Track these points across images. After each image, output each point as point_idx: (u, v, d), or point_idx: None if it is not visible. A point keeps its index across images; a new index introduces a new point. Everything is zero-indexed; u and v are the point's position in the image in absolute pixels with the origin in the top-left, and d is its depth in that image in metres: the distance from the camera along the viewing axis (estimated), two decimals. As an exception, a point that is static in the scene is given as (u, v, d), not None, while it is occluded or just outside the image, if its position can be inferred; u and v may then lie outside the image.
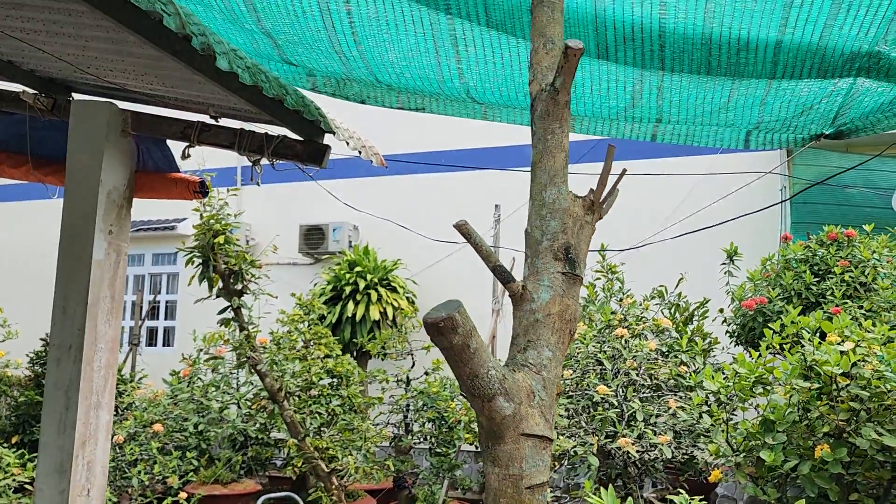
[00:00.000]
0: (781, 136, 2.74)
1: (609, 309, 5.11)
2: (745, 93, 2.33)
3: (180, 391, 6.35)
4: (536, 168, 1.62)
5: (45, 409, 3.10)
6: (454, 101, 2.69)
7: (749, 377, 3.61)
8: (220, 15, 2.57)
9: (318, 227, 10.39)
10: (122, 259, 3.31)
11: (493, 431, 1.68)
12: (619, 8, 2.15)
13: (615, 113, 2.51)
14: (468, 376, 1.57)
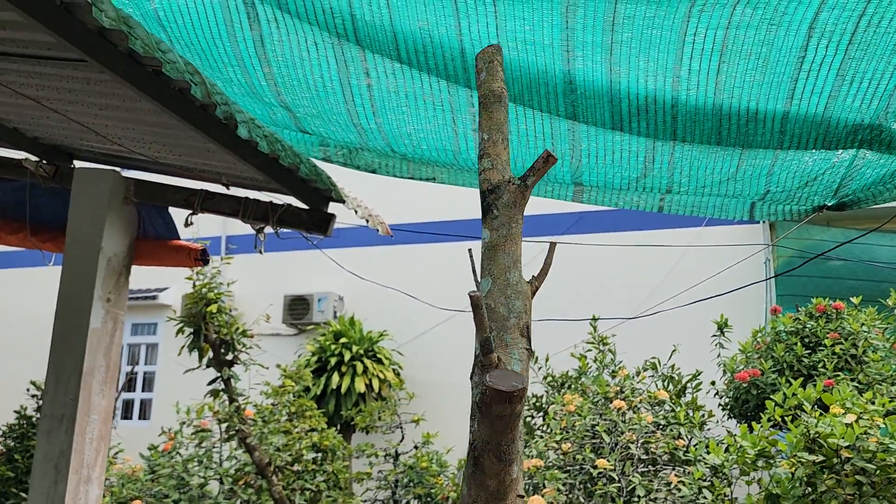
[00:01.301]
0: (785, 208, 2.80)
1: (604, 381, 5.07)
2: (753, 163, 2.40)
3: (160, 466, 6.13)
4: (499, 251, 1.73)
5: (33, 483, 2.97)
6: (465, 172, 2.73)
7: (752, 451, 3.57)
8: (240, 89, 2.61)
9: (302, 298, 10.32)
10: (119, 328, 3.24)
11: (499, 493, 1.68)
12: (634, 81, 2.22)
13: (626, 183, 2.56)
14: (508, 442, 1.56)
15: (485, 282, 1.72)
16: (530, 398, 5.97)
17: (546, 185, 2.73)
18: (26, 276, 11.68)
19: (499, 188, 1.77)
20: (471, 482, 1.56)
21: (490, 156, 1.79)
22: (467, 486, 1.56)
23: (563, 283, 9.43)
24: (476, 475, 1.55)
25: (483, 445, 1.53)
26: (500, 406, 1.46)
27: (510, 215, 1.78)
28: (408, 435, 6.90)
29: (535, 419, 5.88)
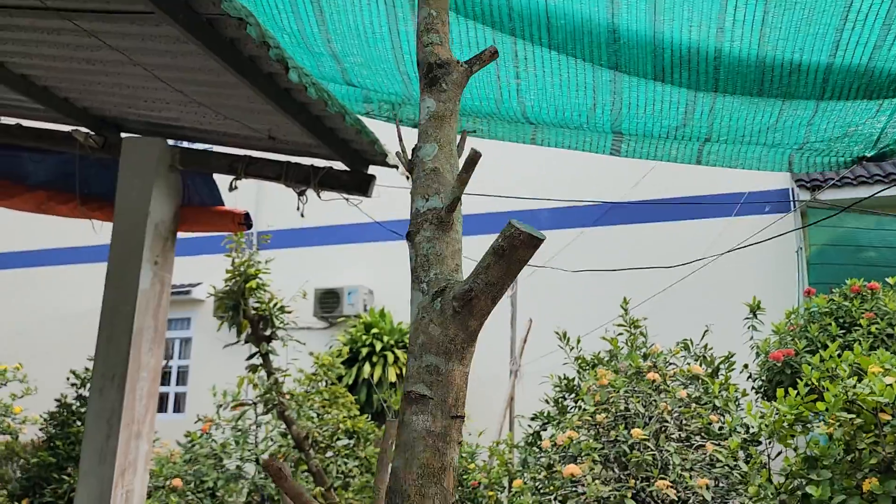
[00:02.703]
0: (824, 159, 2.80)
1: (637, 357, 5.08)
2: (794, 113, 2.42)
3: (198, 445, 6.25)
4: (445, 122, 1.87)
5: (86, 438, 3.08)
6: (507, 123, 2.77)
7: (789, 414, 3.57)
8: (291, 39, 2.69)
9: (333, 291, 10.43)
10: (166, 290, 3.34)
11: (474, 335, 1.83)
12: (677, 31, 2.26)
13: (665, 132, 2.59)
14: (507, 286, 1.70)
15: (431, 146, 1.79)
16: (561, 378, 5.99)
17: (584, 135, 2.76)
18: (63, 274, 11.96)
19: (448, 65, 1.86)
20: (451, 322, 1.64)
21: (437, 32, 1.90)
22: (445, 327, 1.63)
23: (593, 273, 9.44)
24: (461, 316, 1.64)
25: (485, 288, 1.62)
26: (525, 251, 1.56)
27: (455, 93, 1.87)
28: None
29: (566, 399, 5.90)
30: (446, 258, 1.77)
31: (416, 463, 1.54)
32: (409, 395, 1.67)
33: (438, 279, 1.76)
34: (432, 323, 1.68)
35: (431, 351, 1.67)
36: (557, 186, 9.87)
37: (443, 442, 1.53)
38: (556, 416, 5.67)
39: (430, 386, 1.62)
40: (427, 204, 1.77)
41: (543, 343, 7.64)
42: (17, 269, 12.62)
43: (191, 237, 10.74)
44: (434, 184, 1.73)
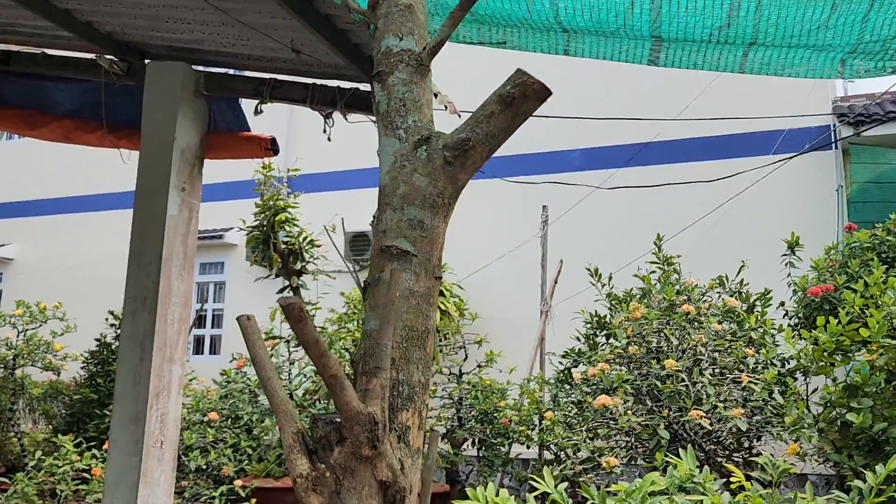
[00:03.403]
0: (878, 64, 2.62)
1: (671, 290, 4.99)
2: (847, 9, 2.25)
3: (233, 382, 6.36)
4: None
5: (120, 360, 3.11)
6: (538, 32, 2.64)
7: (829, 343, 3.48)
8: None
9: (363, 234, 10.43)
10: (195, 217, 3.33)
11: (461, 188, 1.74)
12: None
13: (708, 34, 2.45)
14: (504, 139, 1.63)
15: None
16: (593, 315, 5.93)
17: (620, 42, 2.62)
18: (100, 220, 12.14)
19: None
20: (441, 174, 1.55)
21: None
22: (434, 178, 1.53)
23: (626, 214, 9.29)
24: (453, 168, 1.55)
25: (484, 139, 1.54)
26: (534, 103, 1.47)
27: None
28: (471, 356, 6.97)
29: (598, 336, 5.85)
30: (423, 106, 1.64)
31: (400, 325, 1.47)
32: (390, 249, 1.55)
33: (418, 127, 1.63)
34: (417, 172, 1.57)
35: (416, 203, 1.55)
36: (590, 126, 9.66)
37: (426, 304, 1.45)
38: (588, 352, 5.64)
39: (413, 242, 1.52)
40: (401, 44, 1.63)
41: (574, 284, 7.57)
42: (63, 214, 12.86)
43: (223, 182, 10.78)
44: (408, 22, 1.61)
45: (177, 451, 3.13)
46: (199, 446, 5.69)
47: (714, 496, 2.58)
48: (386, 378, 1.46)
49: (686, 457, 2.87)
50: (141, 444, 2.95)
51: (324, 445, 1.37)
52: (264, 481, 6.10)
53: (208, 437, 5.83)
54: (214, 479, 5.67)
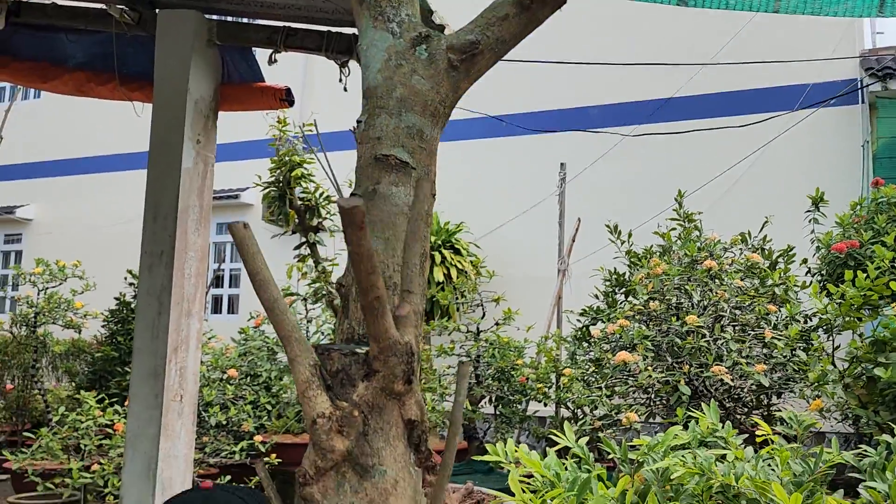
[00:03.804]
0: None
1: (693, 246, 4.91)
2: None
3: (251, 339, 6.39)
4: None
5: (138, 314, 3.10)
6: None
7: (857, 298, 3.41)
8: None
9: (379, 193, 10.35)
10: (210, 170, 3.28)
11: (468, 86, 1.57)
12: None
13: (740, -30, 2.32)
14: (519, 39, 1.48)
15: None
16: (612, 272, 5.87)
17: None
18: (118, 180, 12.15)
19: None
20: (445, 79, 1.38)
21: None
22: (437, 82, 1.37)
23: (646, 172, 9.15)
24: (457, 73, 1.38)
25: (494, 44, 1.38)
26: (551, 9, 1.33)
27: None
28: (488, 314, 6.95)
29: (617, 294, 5.79)
30: (415, 1, 1.47)
31: (400, 245, 1.34)
32: (388, 159, 1.35)
33: (413, 22, 1.43)
34: (417, 74, 1.38)
35: (415, 110, 1.37)
36: (610, 82, 9.48)
37: (425, 224, 1.29)
38: (606, 310, 5.59)
39: (411, 153, 1.35)
40: None
41: (592, 243, 7.50)
42: (81, 174, 12.90)
43: (238, 141, 10.71)
44: None
45: (196, 406, 3.13)
46: (219, 403, 5.74)
47: (737, 450, 2.54)
48: (418, 303, 1.30)
49: (709, 411, 2.83)
50: (161, 398, 2.95)
51: (342, 381, 1.18)
52: (283, 437, 6.16)
53: (228, 394, 5.88)
54: (235, 435, 5.73)
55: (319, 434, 1.06)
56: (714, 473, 2.27)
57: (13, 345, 8.87)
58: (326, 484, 1.01)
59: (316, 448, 1.03)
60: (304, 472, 1.01)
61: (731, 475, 2.23)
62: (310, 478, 1.00)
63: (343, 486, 0.98)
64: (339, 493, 1.00)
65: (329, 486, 1.01)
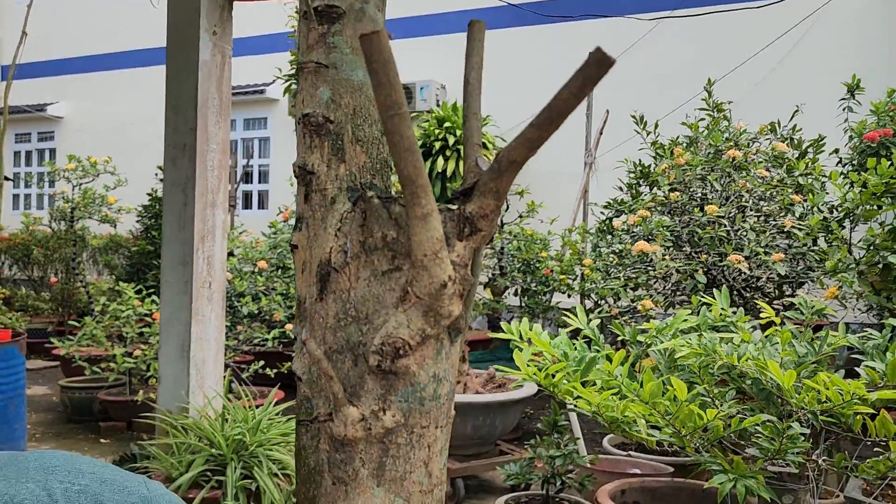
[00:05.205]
0: None
1: (719, 136, 4.83)
2: None
3: (280, 232, 6.54)
4: None
5: (166, 206, 3.21)
6: None
7: (879, 185, 3.37)
8: None
9: (405, 87, 10.20)
10: (227, 62, 3.29)
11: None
12: None
13: None
14: None
15: None
16: (636, 164, 5.83)
17: None
18: (145, 76, 12.12)
19: None
20: None
21: None
22: None
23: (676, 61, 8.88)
24: None
25: None
26: None
27: None
28: (513, 207, 6.99)
29: (641, 186, 5.77)
30: None
31: None
32: None
33: None
34: None
35: None
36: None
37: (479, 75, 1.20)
38: (630, 202, 5.59)
39: None
40: None
41: (620, 136, 7.39)
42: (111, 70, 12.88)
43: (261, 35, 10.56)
44: None
45: (225, 292, 3.28)
46: (250, 293, 5.95)
47: (745, 333, 2.61)
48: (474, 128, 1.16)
49: (720, 297, 2.89)
50: (190, 285, 3.09)
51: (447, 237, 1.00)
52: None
53: (259, 285, 6.08)
54: (267, 324, 5.98)
55: (444, 299, 0.93)
56: (718, 353, 2.36)
57: (54, 240, 9.21)
58: (425, 353, 0.94)
59: (429, 314, 0.91)
60: (403, 343, 0.92)
61: (734, 355, 2.31)
62: (409, 349, 0.94)
63: (440, 353, 0.94)
64: (437, 360, 0.96)
65: (428, 354, 0.95)
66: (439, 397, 0.94)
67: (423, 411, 0.92)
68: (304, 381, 0.92)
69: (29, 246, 9.55)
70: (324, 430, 0.90)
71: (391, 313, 0.91)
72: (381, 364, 0.91)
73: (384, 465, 0.91)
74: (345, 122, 1.06)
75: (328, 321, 0.86)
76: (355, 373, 0.90)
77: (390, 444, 0.91)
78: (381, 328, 0.91)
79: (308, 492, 0.91)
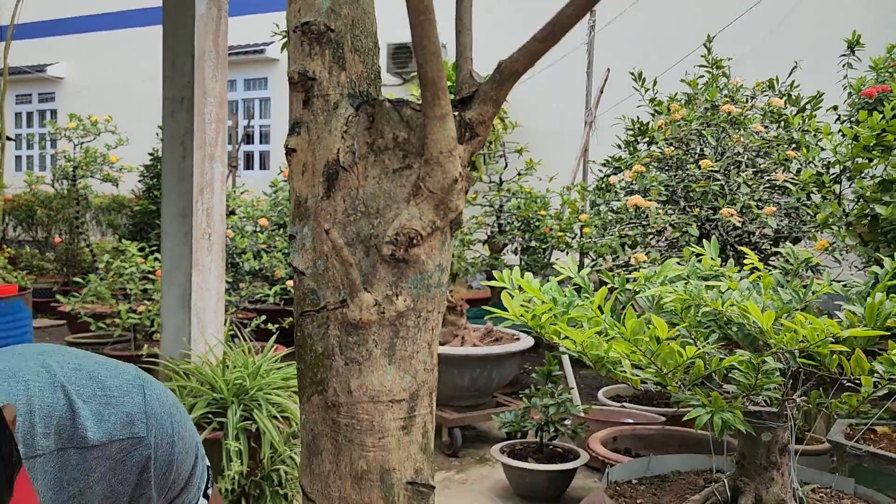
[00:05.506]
0: None
1: (715, 91, 4.85)
2: None
3: (281, 191, 6.59)
4: None
5: (164, 159, 3.26)
6: None
7: (871, 138, 3.41)
8: None
9: (406, 46, 10.18)
10: (224, 16, 3.31)
11: None
12: None
13: None
14: None
15: None
16: (634, 121, 5.85)
17: None
18: (143, 35, 12.06)
19: None
20: None
21: None
22: None
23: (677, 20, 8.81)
24: None
25: None
26: None
27: None
28: (512, 165, 7.02)
29: (639, 143, 5.80)
30: None
31: None
32: None
33: None
34: None
35: None
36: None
37: None
38: (627, 159, 5.62)
39: None
40: None
41: (620, 95, 7.38)
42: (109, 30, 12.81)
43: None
44: None
45: (224, 243, 3.35)
46: (251, 250, 6.02)
47: (733, 282, 2.67)
48: None
49: (709, 247, 2.94)
50: (190, 236, 3.16)
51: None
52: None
53: (260, 243, 6.16)
54: (268, 280, 6.07)
55: (454, 193, 1.00)
56: (704, 299, 2.42)
57: (57, 199, 9.27)
58: (433, 244, 1.02)
59: (439, 208, 0.99)
60: (416, 233, 0.99)
61: (719, 301, 2.38)
62: (421, 239, 1.02)
63: (444, 245, 1.03)
64: (442, 251, 1.04)
65: (435, 245, 1.02)
66: (441, 285, 1.04)
67: (430, 297, 1.01)
68: (308, 274, 0.99)
69: (32, 206, 9.62)
70: (333, 317, 0.97)
71: (402, 207, 0.98)
72: (394, 253, 0.98)
73: (395, 345, 0.99)
74: (344, 31, 1.11)
75: (336, 216, 0.93)
76: (367, 263, 0.98)
77: (401, 327, 0.99)
78: (393, 221, 0.98)
79: (316, 375, 0.99)
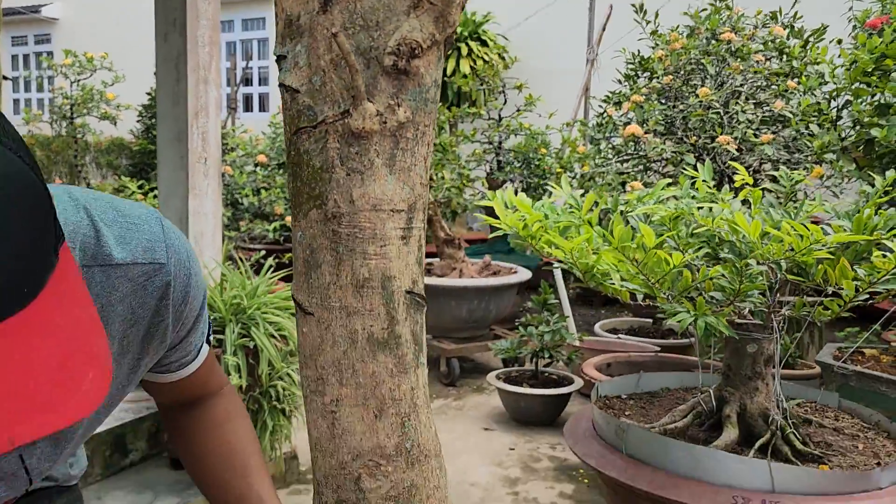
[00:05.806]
0: None
1: (716, 20, 4.78)
2: None
3: (280, 128, 6.57)
4: None
5: (159, 82, 3.25)
6: None
7: (868, 62, 3.37)
8: None
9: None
10: (215, -63, 3.26)
11: None
12: None
13: None
14: None
15: None
16: (635, 55, 5.78)
17: None
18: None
19: None
20: None
21: None
22: None
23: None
24: None
25: None
26: None
27: None
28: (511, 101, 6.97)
29: (639, 78, 5.74)
30: None
31: None
32: None
33: None
34: None
35: None
36: None
37: None
38: (628, 93, 5.56)
39: None
40: None
41: (622, 31, 7.27)
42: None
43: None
44: None
45: (220, 168, 3.36)
46: (251, 186, 6.04)
47: (725, 203, 2.69)
48: None
49: (703, 169, 2.95)
50: (186, 160, 3.17)
51: None
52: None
53: (259, 179, 6.17)
54: (266, 217, 6.10)
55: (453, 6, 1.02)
56: (694, 216, 2.44)
57: (57, 141, 9.25)
58: (430, 58, 1.05)
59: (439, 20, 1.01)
60: (417, 44, 0.98)
61: (710, 218, 2.40)
62: (422, 50, 1.03)
63: (440, 60, 1.05)
64: (437, 66, 1.06)
65: (432, 59, 1.04)
66: (435, 100, 1.05)
67: (427, 111, 1.03)
68: (303, 91, 0.99)
69: (32, 148, 9.60)
70: (333, 129, 0.98)
71: (403, 20, 0.98)
72: (396, 63, 0.98)
73: (395, 156, 1.00)
74: None
75: (334, 31, 0.93)
76: (367, 75, 0.98)
77: (401, 138, 1.00)
78: (394, 33, 0.98)
79: (314, 190, 1.00)
